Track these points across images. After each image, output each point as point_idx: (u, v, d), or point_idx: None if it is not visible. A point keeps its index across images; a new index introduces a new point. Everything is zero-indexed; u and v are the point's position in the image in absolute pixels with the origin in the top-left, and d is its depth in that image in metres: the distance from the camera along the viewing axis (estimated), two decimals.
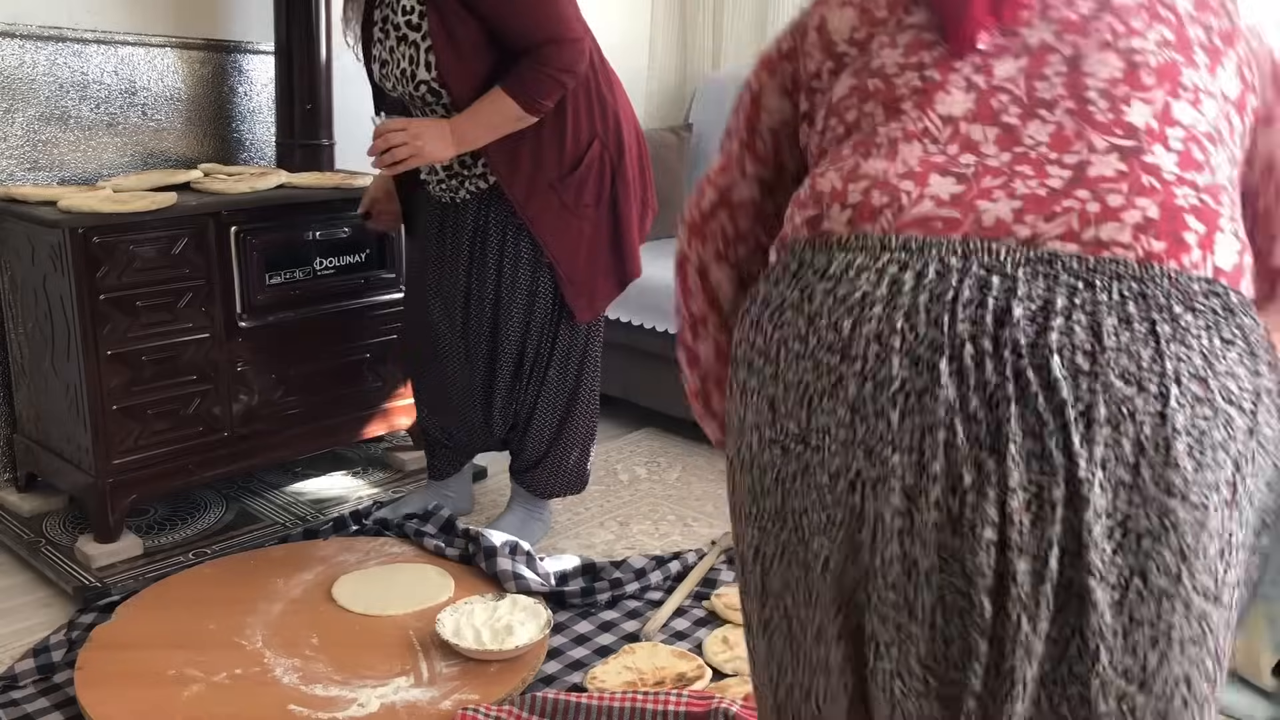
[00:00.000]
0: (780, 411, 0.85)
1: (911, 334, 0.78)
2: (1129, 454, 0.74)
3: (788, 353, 0.85)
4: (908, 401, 0.78)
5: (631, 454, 2.93)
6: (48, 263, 2.15)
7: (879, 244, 0.83)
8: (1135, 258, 0.78)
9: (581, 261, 2.15)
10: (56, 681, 1.79)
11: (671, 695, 1.60)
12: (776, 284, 0.89)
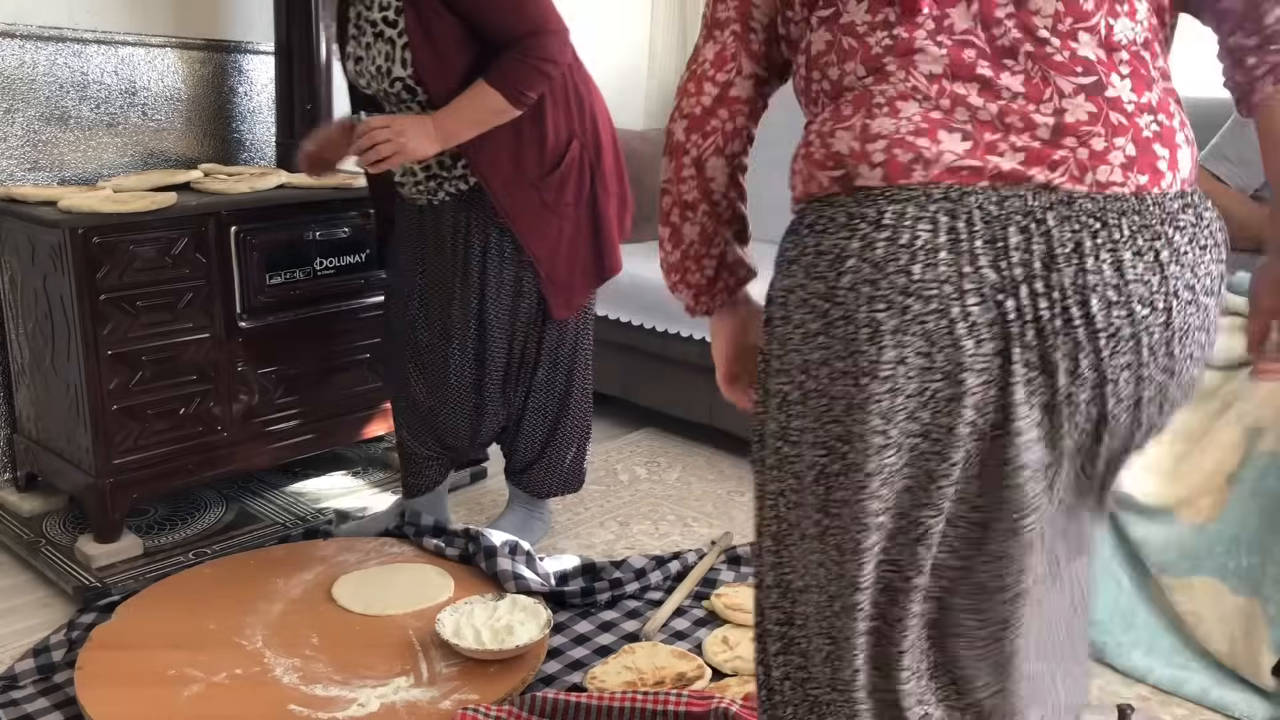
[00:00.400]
0: (888, 325, 0.95)
1: (977, 277, 0.93)
2: (1144, 356, 0.96)
3: (858, 296, 0.95)
4: (979, 332, 0.94)
5: (631, 454, 2.93)
6: (48, 263, 2.15)
7: (924, 194, 0.95)
8: (1130, 192, 0.95)
9: (562, 260, 2.14)
10: (56, 681, 1.79)
11: (671, 695, 1.60)
12: (825, 234, 0.99)
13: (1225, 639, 1.80)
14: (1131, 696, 1.83)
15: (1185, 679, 1.83)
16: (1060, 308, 0.94)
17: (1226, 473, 1.81)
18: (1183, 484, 1.84)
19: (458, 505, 2.57)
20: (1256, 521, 1.77)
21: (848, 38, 1.02)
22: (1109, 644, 1.90)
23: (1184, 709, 1.80)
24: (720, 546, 2.29)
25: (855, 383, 0.96)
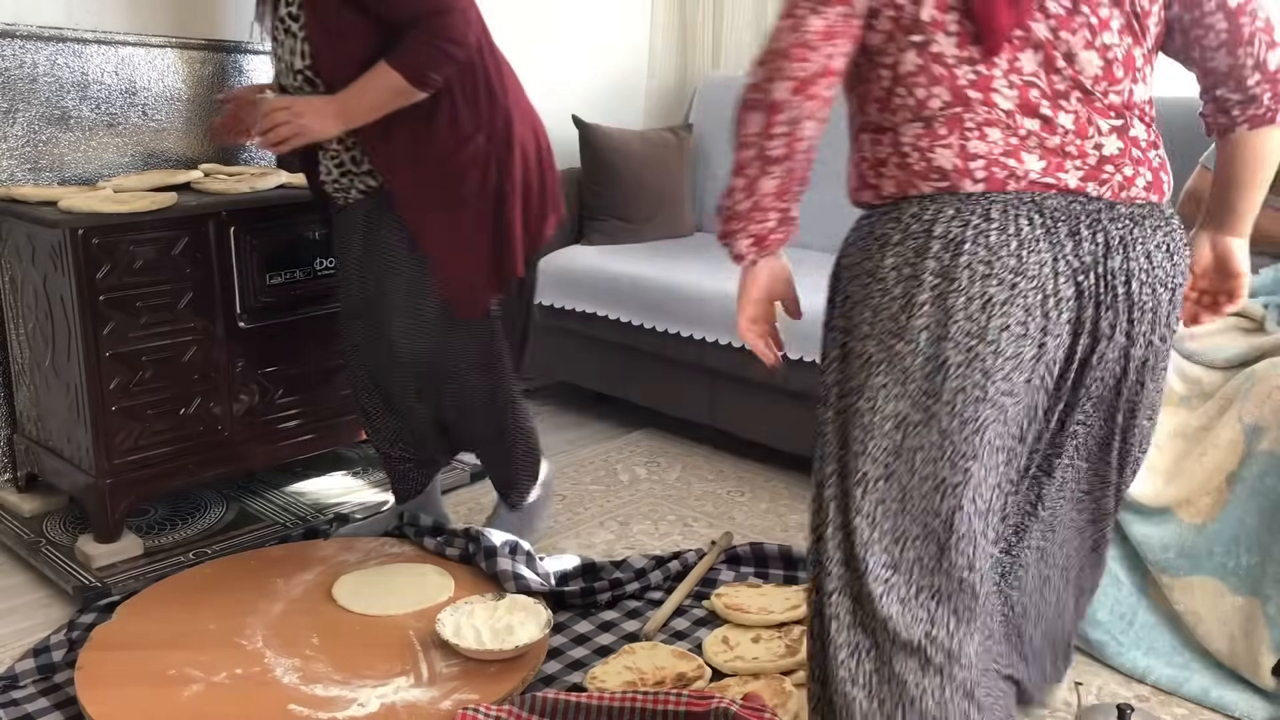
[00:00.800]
0: (958, 316, 1.20)
1: (1064, 263, 1.21)
2: (1160, 324, 1.30)
3: (972, 274, 1.20)
4: (1061, 306, 1.22)
5: (631, 454, 2.93)
6: (48, 263, 2.15)
7: (1018, 199, 1.22)
8: (1163, 205, 1.29)
9: (459, 257, 2.06)
10: (57, 681, 1.79)
11: (671, 695, 1.60)
12: (936, 223, 1.23)
13: (1225, 638, 1.80)
14: (1131, 696, 1.83)
15: (1185, 679, 1.83)
16: (1110, 286, 1.24)
17: (1226, 472, 1.81)
18: (1182, 484, 1.84)
19: (458, 505, 2.57)
20: (1256, 521, 1.77)
21: (937, 66, 1.24)
22: (1109, 644, 1.90)
23: (1184, 709, 1.80)
24: (720, 546, 2.29)
25: (955, 345, 1.21)
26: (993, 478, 1.27)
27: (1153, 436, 1.42)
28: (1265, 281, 2.08)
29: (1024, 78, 1.23)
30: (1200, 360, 1.98)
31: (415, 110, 1.97)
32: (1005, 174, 1.22)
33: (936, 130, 1.25)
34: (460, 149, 2.03)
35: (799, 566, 2.22)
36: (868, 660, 1.28)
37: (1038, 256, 1.20)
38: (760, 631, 1.93)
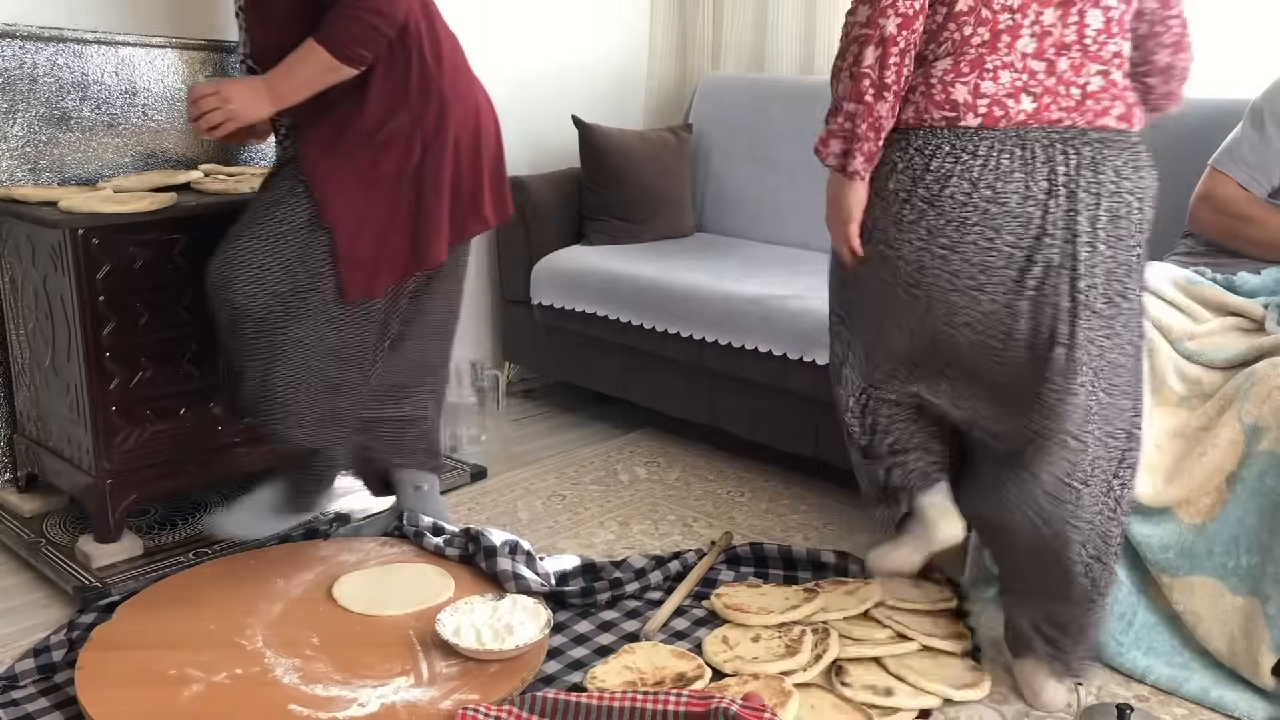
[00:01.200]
0: (937, 233, 1.57)
1: (1036, 188, 1.54)
2: (1133, 230, 1.59)
3: (953, 202, 1.56)
4: (1031, 224, 1.55)
5: (631, 454, 2.93)
6: (48, 263, 2.15)
7: (1004, 135, 1.55)
8: (1132, 132, 1.59)
9: (367, 236, 2.00)
10: (57, 681, 1.79)
11: (671, 695, 1.60)
12: (934, 158, 1.57)
13: (1224, 638, 1.80)
14: (1131, 696, 1.83)
15: (1185, 679, 1.83)
16: (1089, 194, 1.54)
17: (1226, 472, 1.81)
18: (1182, 483, 1.84)
19: (458, 505, 2.57)
20: (1256, 521, 1.77)
21: (985, 9, 1.55)
22: (1109, 644, 1.90)
23: (1183, 709, 1.80)
24: (720, 546, 2.29)
25: (935, 254, 1.59)
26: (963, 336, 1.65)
27: (1132, 364, 1.67)
28: (1265, 282, 2.08)
29: (1044, 27, 1.55)
30: (1200, 360, 1.98)
31: (343, 87, 1.94)
32: (1001, 112, 1.55)
33: (960, 68, 1.56)
34: (381, 127, 1.98)
35: (799, 566, 2.22)
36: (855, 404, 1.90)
37: (1012, 186, 1.54)
38: (760, 631, 1.93)
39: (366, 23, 1.88)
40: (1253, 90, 2.22)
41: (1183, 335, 2.02)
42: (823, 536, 2.44)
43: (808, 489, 2.70)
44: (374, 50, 1.92)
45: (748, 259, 3.04)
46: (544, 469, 2.83)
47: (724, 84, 3.48)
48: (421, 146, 2.01)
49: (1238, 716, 1.77)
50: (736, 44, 3.61)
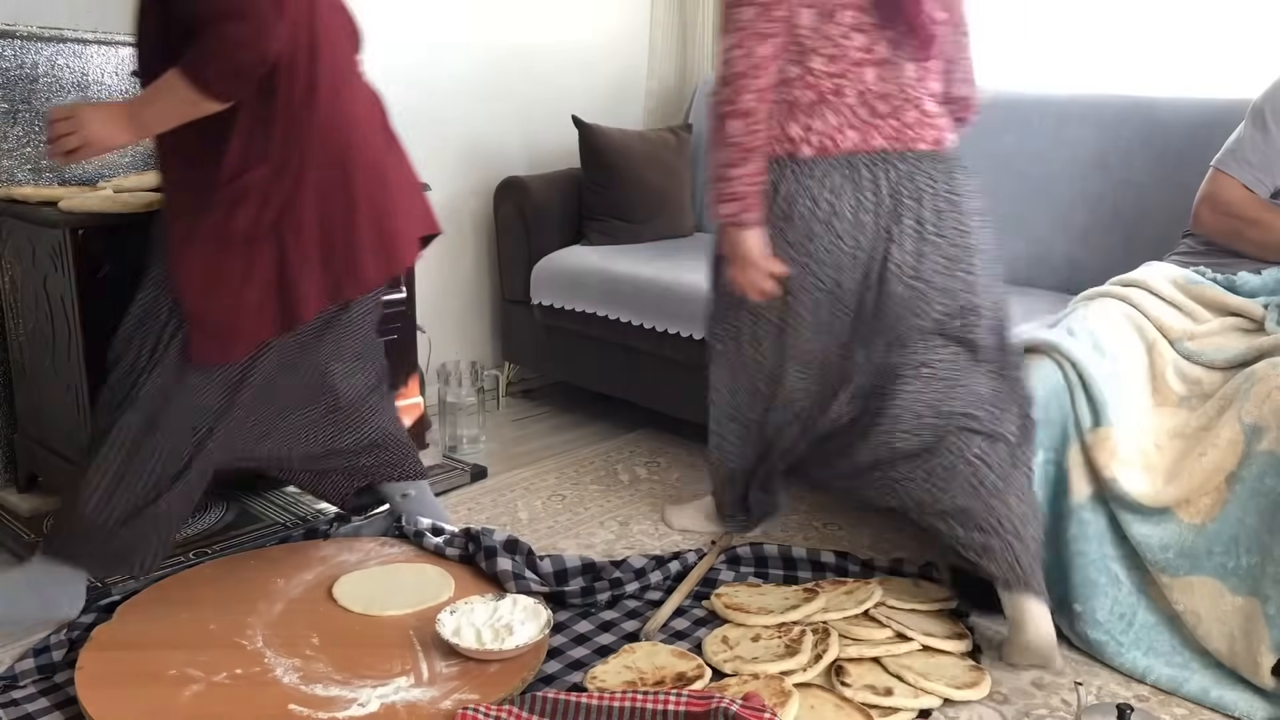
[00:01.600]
0: (794, 242, 1.93)
1: (866, 201, 1.90)
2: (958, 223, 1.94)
3: (801, 217, 1.92)
4: (864, 228, 1.91)
5: (631, 454, 2.93)
6: (48, 263, 2.15)
7: (835, 162, 1.90)
8: (943, 151, 1.94)
9: (221, 299, 1.83)
10: (57, 681, 1.79)
11: (671, 695, 1.60)
12: (828, 177, 1.90)
13: (1224, 638, 1.80)
14: (1131, 696, 1.83)
15: (1185, 679, 1.83)
16: (914, 207, 1.90)
17: (1226, 472, 1.81)
18: (1182, 483, 1.84)
19: (458, 505, 2.57)
20: (1256, 521, 1.77)
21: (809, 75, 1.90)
22: (1108, 643, 1.90)
23: (1183, 709, 1.80)
24: (720, 546, 2.29)
25: (800, 262, 1.94)
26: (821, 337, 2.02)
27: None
28: (1265, 282, 2.08)
29: (866, 85, 1.90)
30: (1200, 360, 1.98)
31: (208, 126, 1.79)
32: (831, 144, 1.89)
33: (796, 114, 1.91)
34: (236, 178, 1.82)
35: (798, 566, 2.22)
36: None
37: (845, 201, 1.89)
38: (760, 631, 1.93)
39: (230, 55, 1.72)
40: (1253, 90, 2.22)
41: (1183, 335, 2.02)
42: (823, 536, 2.44)
43: (807, 489, 2.70)
44: (238, 86, 1.76)
45: None
46: (544, 469, 2.83)
47: None
48: (279, 205, 1.84)
49: (1238, 716, 1.77)
50: None
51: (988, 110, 2.89)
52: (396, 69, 3.08)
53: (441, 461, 2.80)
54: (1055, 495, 1.95)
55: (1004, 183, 2.85)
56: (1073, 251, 2.73)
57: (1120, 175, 2.66)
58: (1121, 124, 2.67)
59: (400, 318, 2.65)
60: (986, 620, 2.05)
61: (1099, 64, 2.90)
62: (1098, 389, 1.90)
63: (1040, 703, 1.80)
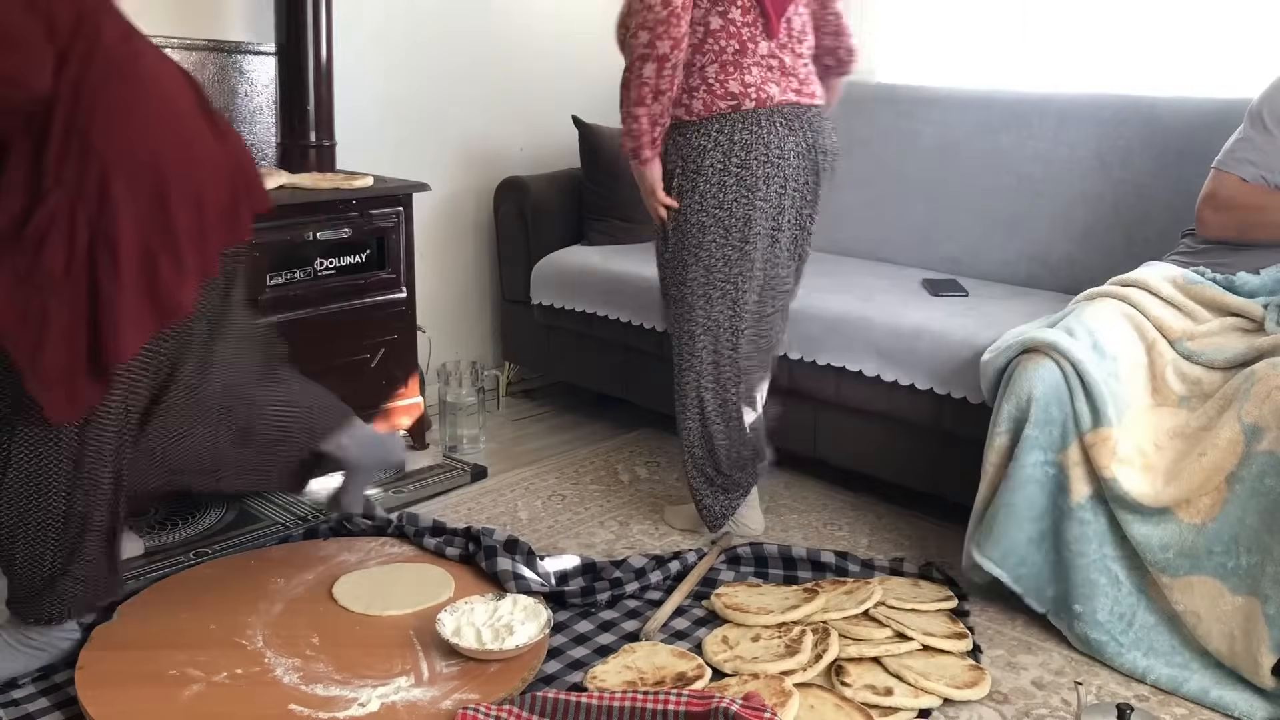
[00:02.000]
0: (749, 187, 2.13)
1: (798, 145, 2.15)
2: (826, 178, 2.26)
3: (757, 162, 2.13)
4: (803, 169, 2.18)
5: (631, 454, 2.93)
6: None
7: (773, 112, 2.13)
8: (821, 106, 2.23)
9: (52, 348, 1.60)
10: (57, 681, 1.79)
11: (671, 695, 1.60)
12: (736, 133, 2.12)
13: (1224, 638, 1.80)
14: (1131, 696, 1.83)
15: (1185, 679, 1.83)
16: (814, 150, 2.19)
17: (1226, 472, 1.81)
18: (1182, 483, 1.84)
19: (458, 505, 2.57)
20: (1255, 521, 1.77)
21: (731, 26, 2.11)
22: (1108, 644, 1.90)
23: (1183, 709, 1.80)
24: (720, 546, 2.29)
25: (751, 203, 2.14)
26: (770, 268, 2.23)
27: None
28: (1265, 282, 2.08)
29: (776, 40, 2.13)
30: (1200, 361, 1.98)
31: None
32: (765, 96, 2.12)
33: (728, 69, 2.11)
34: (29, 218, 1.60)
35: (798, 566, 2.22)
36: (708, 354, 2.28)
37: (789, 145, 2.13)
38: (760, 631, 1.93)
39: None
40: (1253, 90, 2.22)
41: (1182, 335, 2.02)
42: (822, 536, 2.44)
43: (808, 489, 2.70)
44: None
45: None
46: (544, 469, 2.83)
47: None
48: (89, 233, 1.61)
49: (1237, 716, 1.77)
50: None
51: (988, 110, 2.91)
52: (397, 68, 3.08)
53: (441, 461, 2.80)
54: (1055, 495, 1.95)
55: (1004, 183, 2.85)
56: (1073, 251, 2.73)
57: (1120, 175, 2.66)
58: (1121, 124, 2.67)
59: (400, 318, 2.65)
60: (986, 620, 2.05)
61: (1099, 64, 2.90)
62: (1097, 389, 1.90)
63: (1040, 702, 1.80)
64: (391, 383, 2.66)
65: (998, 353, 2.05)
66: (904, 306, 2.51)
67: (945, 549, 2.35)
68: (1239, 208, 2.14)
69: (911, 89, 3.09)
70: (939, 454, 2.41)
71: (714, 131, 2.11)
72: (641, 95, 2.07)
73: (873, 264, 3.01)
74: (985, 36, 3.10)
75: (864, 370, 2.45)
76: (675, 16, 2.00)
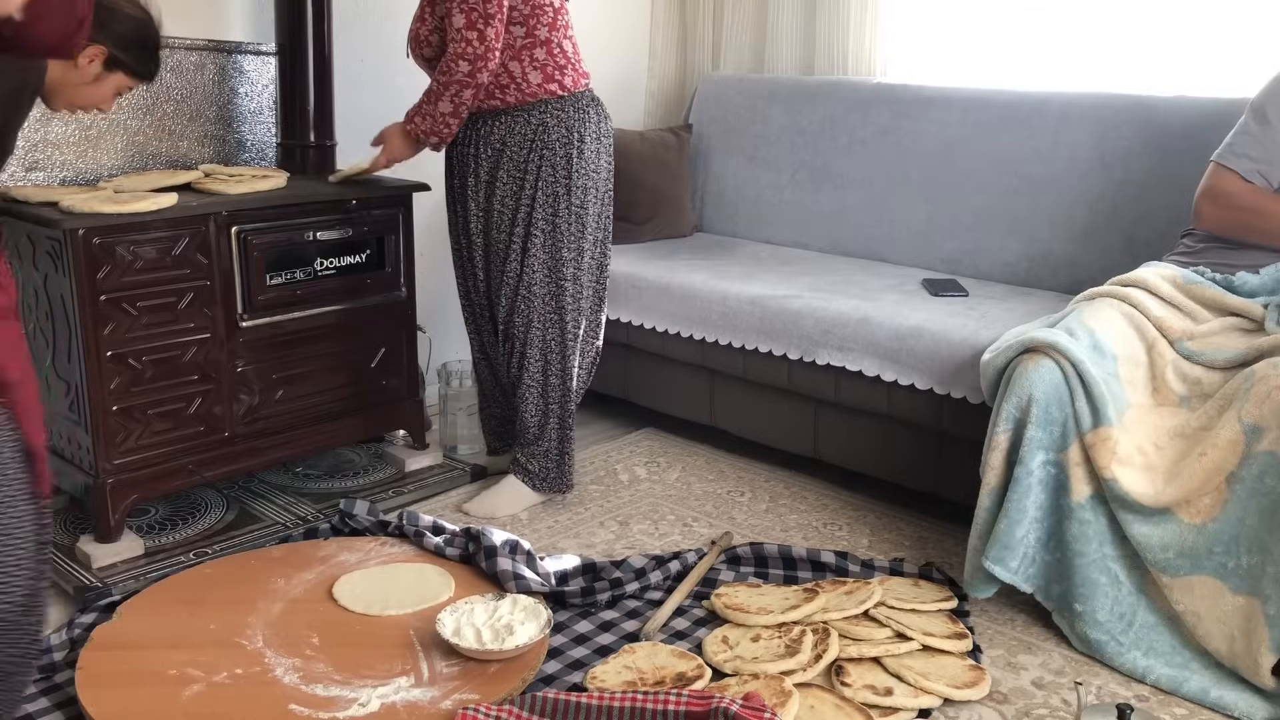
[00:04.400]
0: (604, 147, 2.46)
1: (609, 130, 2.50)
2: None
3: (605, 133, 2.46)
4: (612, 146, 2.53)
5: (631, 454, 2.93)
6: (49, 263, 2.15)
7: (582, 94, 2.42)
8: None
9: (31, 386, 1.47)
10: (57, 681, 1.80)
11: (671, 695, 1.61)
12: (564, 110, 2.37)
13: (1225, 638, 1.80)
14: (1131, 696, 1.83)
15: (1185, 679, 1.83)
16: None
17: (1226, 472, 1.81)
18: (1182, 483, 1.84)
19: (458, 505, 2.57)
20: (1256, 520, 1.77)
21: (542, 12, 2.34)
22: (1108, 644, 1.90)
23: (1184, 709, 1.80)
24: (720, 546, 2.29)
25: (601, 179, 2.44)
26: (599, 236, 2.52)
27: None
28: (1265, 281, 2.08)
29: (565, 33, 2.42)
30: (1200, 361, 1.98)
31: None
32: (572, 81, 2.39)
33: (538, 54, 2.34)
34: None
35: (799, 566, 2.22)
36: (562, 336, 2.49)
37: (604, 128, 2.44)
38: (760, 631, 1.93)
39: None
40: (1252, 90, 2.22)
41: (1182, 335, 2.02)
42: (822, 536, 2.44)
43: (808, 489, 2.70)
44: None
45: (748, 259, 3.04)
46: None
47: (724, 84, 3.48)
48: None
49: (1237, 717, 1.77)
50: (736, 44, 3.61)
51: (988, 110, 2.91)
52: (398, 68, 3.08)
53: (441, 461, 2.80)
54: (1055, 495, 1.95)
55: (1004, 183, 2.85)
56: (1073, 251, 2.73)
57: (1120, 175, 2.66)
58: (1121, 124, 2.67)
59: (400, 317, 2.65)
60: (986, 620, 2.05)
61: (1099, 64, 2.90)
62: (1098, 389, 1.90)
63: (1040, 703, 1.80)
64: (391, 382, 2.66)
65: (998, 353, 2.05)
66: (904, 306, 2.51)
67: (945, 549, 2.35)
68: (1236, 208, 2.14)
69: (911, 89, 3.09)
70: (939, 454, 2.41)
71: (554, 109, 2.41)
72: (456, 110, 2.31)
73: (873, 264, 3.01)
74: (985, 36, 3.10)
75: (864, 370, 2.45)
76: (490, 50, 2.25)
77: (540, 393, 2.48)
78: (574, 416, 2.54)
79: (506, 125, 2.37)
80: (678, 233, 3.36)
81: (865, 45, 3.28)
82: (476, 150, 2.41)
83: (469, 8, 2.22)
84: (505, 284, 2.43)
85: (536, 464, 2.52)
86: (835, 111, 3.18)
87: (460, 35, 2.23)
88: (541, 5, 2.33)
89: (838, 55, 3.33)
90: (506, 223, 2.40)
